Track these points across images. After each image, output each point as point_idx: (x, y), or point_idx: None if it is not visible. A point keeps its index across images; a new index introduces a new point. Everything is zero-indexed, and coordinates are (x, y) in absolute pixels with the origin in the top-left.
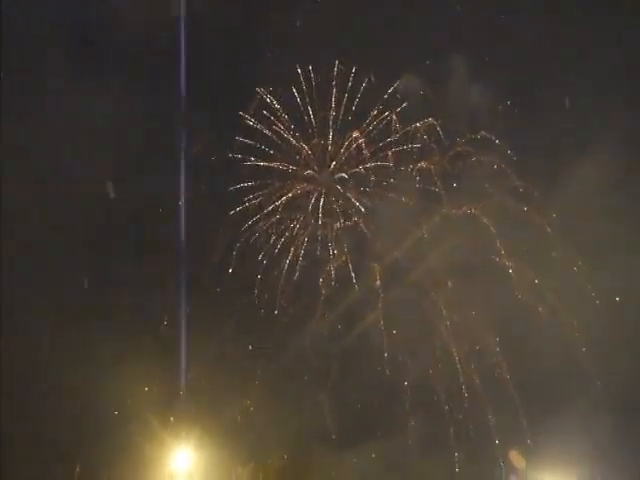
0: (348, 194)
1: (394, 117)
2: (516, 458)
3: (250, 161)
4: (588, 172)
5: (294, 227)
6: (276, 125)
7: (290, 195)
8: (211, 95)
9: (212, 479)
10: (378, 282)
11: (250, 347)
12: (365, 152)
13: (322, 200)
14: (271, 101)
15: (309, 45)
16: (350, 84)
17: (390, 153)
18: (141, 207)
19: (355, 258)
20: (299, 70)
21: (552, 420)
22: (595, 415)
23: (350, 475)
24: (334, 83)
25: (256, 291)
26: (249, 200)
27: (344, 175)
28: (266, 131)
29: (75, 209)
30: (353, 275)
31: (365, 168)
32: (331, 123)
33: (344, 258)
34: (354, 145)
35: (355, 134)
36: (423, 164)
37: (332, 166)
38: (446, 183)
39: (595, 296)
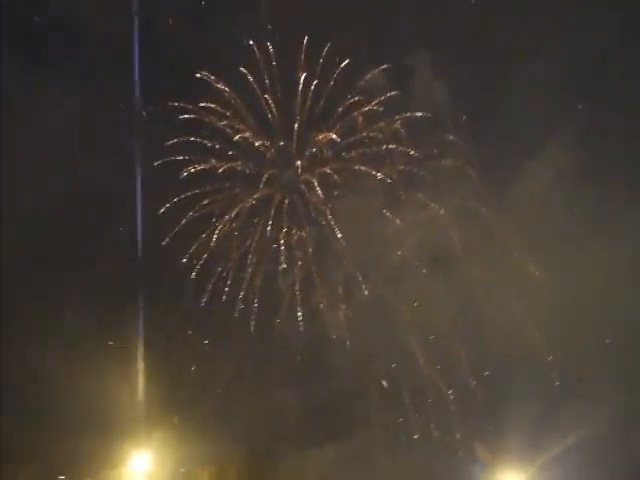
0: (313, 197)
1: (360, 118)
2: (482, 452)
3: (205, 162)
4: (545, 173)
5: (256, 232)
6: (230, 119)
7: (254, 198)
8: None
9: None
10: (341, 282)
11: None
12: (329, 153)
13: (286, 203)
14: (222, 89)
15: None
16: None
17: (354, 154)
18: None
19: (319, 260)
20: (255, 48)
21: (512, 411)
22: (553, 403)
23: (313, 474)
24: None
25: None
26: (207, 205)
27: (310, 177)
28: (222, 127)
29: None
30: (316, 276)
31: (332, 169)
32: (297, 116)
33: (308, 261)
34: (321, 145)
35: (322, 135)
36: (385, 172)
37: (297, 166)
38: (410, 184)
39: (548, 291)
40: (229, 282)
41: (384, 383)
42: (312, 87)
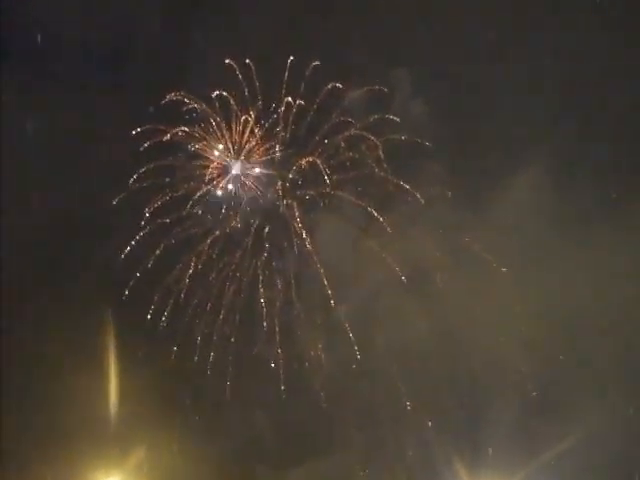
0: (294, 223)
1: (342, 143)
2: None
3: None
4: (518, 189)
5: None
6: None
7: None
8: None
9: None
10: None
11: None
12: (311, 177)
13: (266, 230)
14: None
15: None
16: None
17: (336, 178)
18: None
19: (297, 283)
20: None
21: (490, 428)
22: (531, 420)
23: None
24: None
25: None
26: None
27: (290, 202)
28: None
29: None
30: (295, 299)
31: (314, 194)
32: (280, 136)
33: (288, 284)
34: (303, 168)
35: (305, 159)
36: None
37: (278, 190)
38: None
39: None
40: (208, 306)
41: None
42: (294, 109)
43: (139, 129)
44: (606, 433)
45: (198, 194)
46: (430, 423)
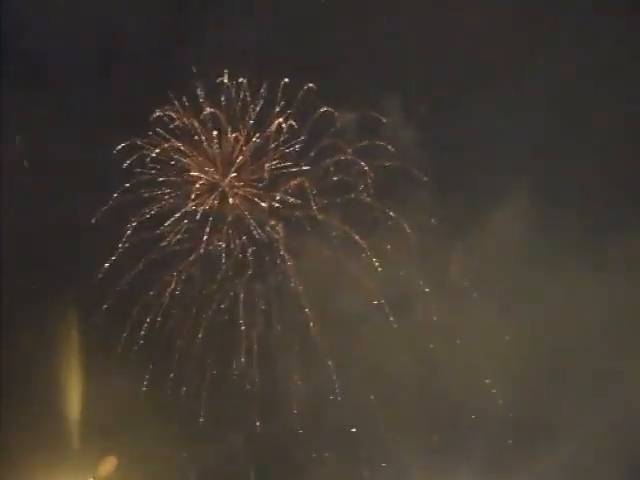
0: (278, 244)
1: (332, 167)
2: None
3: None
4: (503, 220)
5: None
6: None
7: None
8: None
9: None
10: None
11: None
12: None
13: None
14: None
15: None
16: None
17: (326, 201)
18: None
19: (278, 306)
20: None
21: (465, 459)
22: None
23: None
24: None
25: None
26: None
27: (276, 222)
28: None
29: None
30: (275, 322)
31: (300, 216)
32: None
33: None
34: (291, 190)
35: (294, 181)
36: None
37: (264, 210)
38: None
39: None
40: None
41: None
42: (285, 130)
43: (127, 143)
44: (588, 462)
45: (183, 210)
46: (407, 452)
